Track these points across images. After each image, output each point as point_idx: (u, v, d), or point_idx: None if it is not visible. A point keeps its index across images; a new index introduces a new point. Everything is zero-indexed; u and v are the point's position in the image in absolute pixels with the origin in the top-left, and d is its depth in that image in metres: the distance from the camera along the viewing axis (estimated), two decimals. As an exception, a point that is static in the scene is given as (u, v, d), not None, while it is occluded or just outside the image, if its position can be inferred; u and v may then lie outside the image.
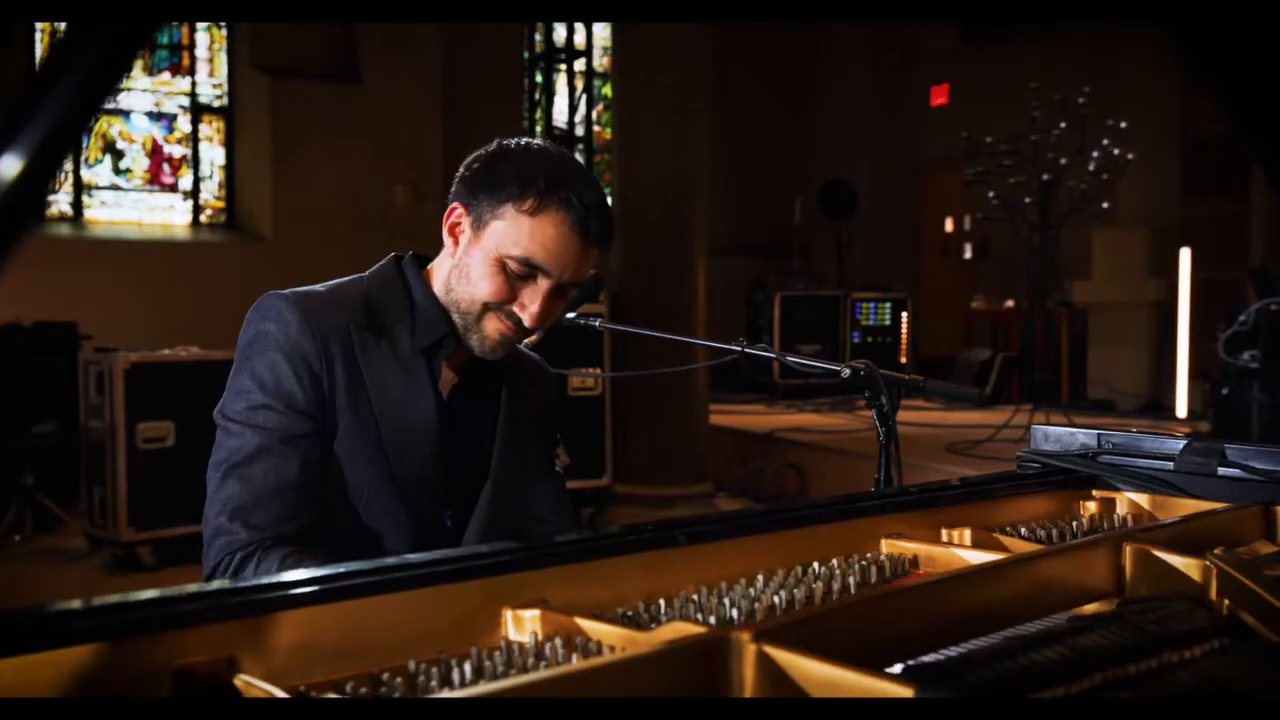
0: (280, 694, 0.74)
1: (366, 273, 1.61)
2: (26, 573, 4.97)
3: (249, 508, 1.43)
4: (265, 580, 0.88)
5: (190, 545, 5.04)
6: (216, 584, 0.87)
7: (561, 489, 1.77)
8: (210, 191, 9.71)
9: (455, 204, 1.53)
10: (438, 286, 1.56)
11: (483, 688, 0.68)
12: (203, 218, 9.65)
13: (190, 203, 9.61)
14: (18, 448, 5.36)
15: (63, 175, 8.96)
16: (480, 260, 1.49)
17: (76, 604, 0.80)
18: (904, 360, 9.37)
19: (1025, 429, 6.59)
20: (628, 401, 6.19)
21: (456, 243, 1.53)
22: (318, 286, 1.55)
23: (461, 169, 1.56)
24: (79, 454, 5.19)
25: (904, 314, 9.60)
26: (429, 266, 1.61)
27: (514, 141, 1.54)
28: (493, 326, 1.52)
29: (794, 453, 6.64)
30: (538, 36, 10.77)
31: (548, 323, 1.52)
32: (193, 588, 0.85)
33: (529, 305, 1.49)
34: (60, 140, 0.63)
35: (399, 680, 0.82)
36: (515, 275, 1.48)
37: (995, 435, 6.48)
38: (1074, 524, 1.38)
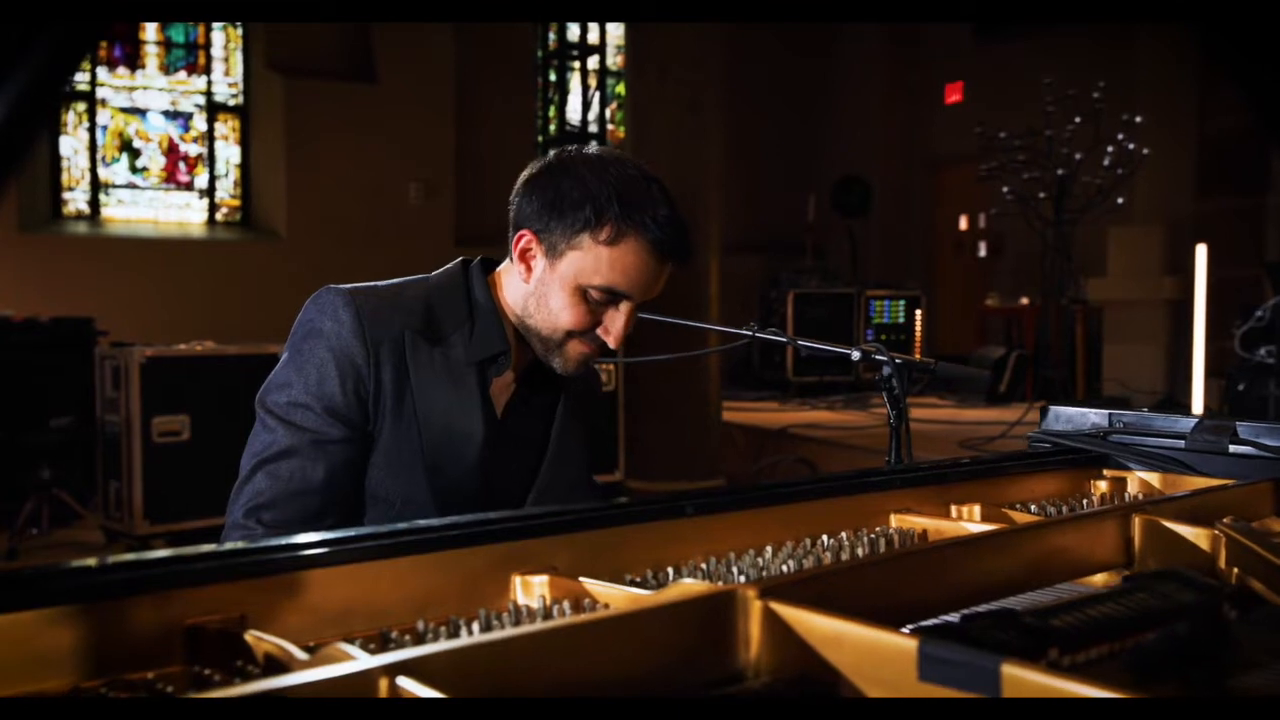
0: (291, 648, 0.75)
1: (432, 274, 1.58)
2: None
3: (267, 506, 1.42)
4: (277, 541, 0.89)
5: (205, 539, 5.07)
6: (229, 545, 0.88)
7: (596, 485, 1.75)
8: (226, 190, 9.75)
9: (524, 230, 1.48)
10: (509, 302, 1.53)
11: (491, 635, 0.68)
12: (218, 216, 9.69)
13: (206, 201, 9.65)
14: (35, 442, 5.40)
15: (67, 167, 8.93)
16: (559, 289, 1.46)
17: (92, 561, 0.82)
18: (918, 358, 9.34)
19: (1038, 426, 6.56)
20: (640, 397, 6.19)
21: (529, 269, 1.49)
22: (380, 284, 1.53)
23: (522, 185, 1.50)
24: (95, 448, 5.23)
25: (918, 311, 9.57)
26: (495, 272, 1.57)
27: (574, 152, 1.49)
28: (575, 350, 1.50)
29: (807, 449, 6.63)
30: (551, 35, 10.78)
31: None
32: (205, 548, 0.86)
33: (612, 329, 1.47)
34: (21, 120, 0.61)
35: (407, 638, 0.82)
36: (596, 302, 1.46)
37: (1008, 432, 6.46)
38: (1084, 502, 1.38)
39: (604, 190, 1.42)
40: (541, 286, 1.48)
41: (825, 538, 1.16)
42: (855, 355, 1.77)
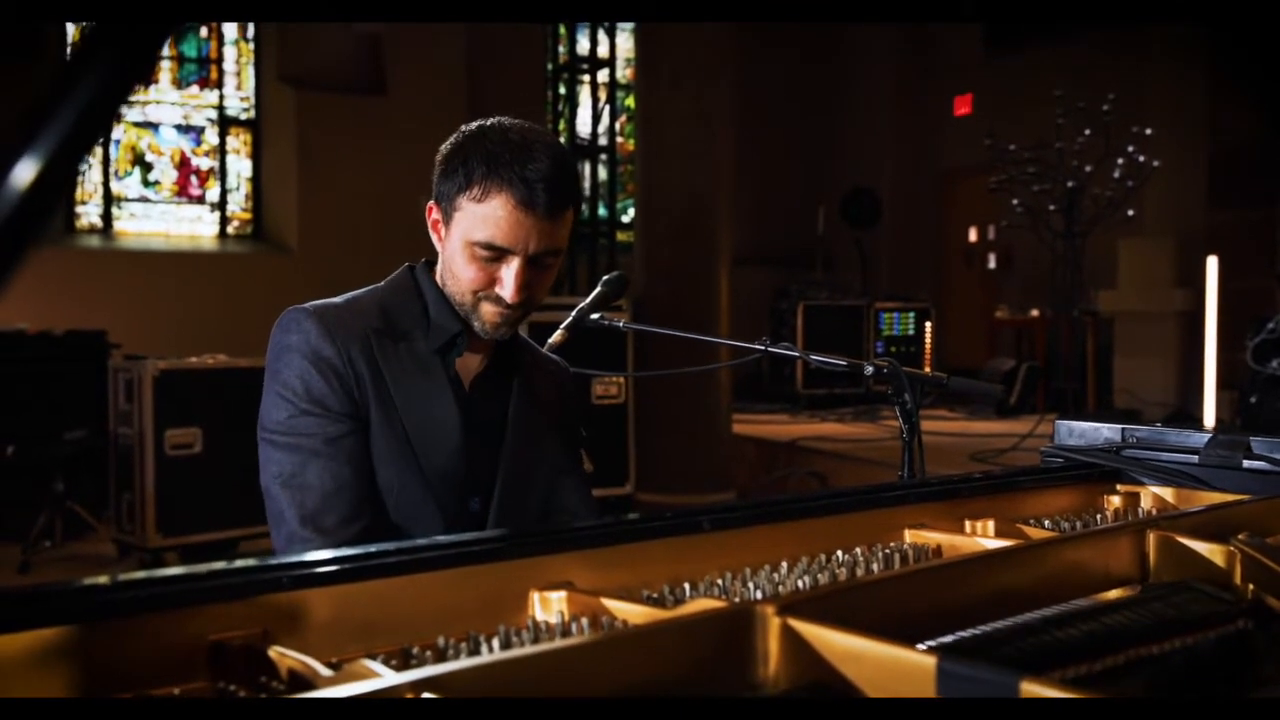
0: (315, 664, 0.76)
1: (381, 283, 1.66)
2: (57, 579, 5.02)
3: (317, 513, 1.47)
4: (297, 558, 0.90)
5: (218, 552, 5.09)
6: (250, 561, 0.89)
7: (588, 489, 1.80)
8: (237, 203, 9.80)
9: (430, 203, 1.60)
10: (438, 281, 1.62)
11: (506, 654, 0.69)
12: (229, 229, 9.74)
13: (217, 214, 9.71)
14: (49, 455, 5.42)
15: (81, 181, 9.03)
16: (456, 252, 1.55)
17: (115, 578, 0.82)
18: (928, 370, 9.32)
19: (1049, 439, 6.55)
20: (650, 410, 6.19)
21: (440, 238, 1.60)
22: (335, 299, 1.61)
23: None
24: (108, 461, 5.25)
25: (928, 324, 9.57)
26: (436, 267, 1.66)
27: (470, 127, 1.58)
28: (487, 310, 1.57)
29: (817, 461, 6.62)
30: (561, 48, 10.82)
31: (535, 296, 1.56)
32: (224, 564, 0.87)
33: (506, 283, 1.53)
34: (75, 147, 0.63)
35: (429, 654, 0.83)
36: (485, 259, 1.53)
37: (1019, 444, 6.45)
38: (1098, 517, 1.39)
39: (476, 153, 1.51)
40: (447, 253, 1.58)
41: (840, 553, 1.16)
42: (868, 370, 1.77)
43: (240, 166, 9.79)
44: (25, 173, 0.59)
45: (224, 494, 4.97)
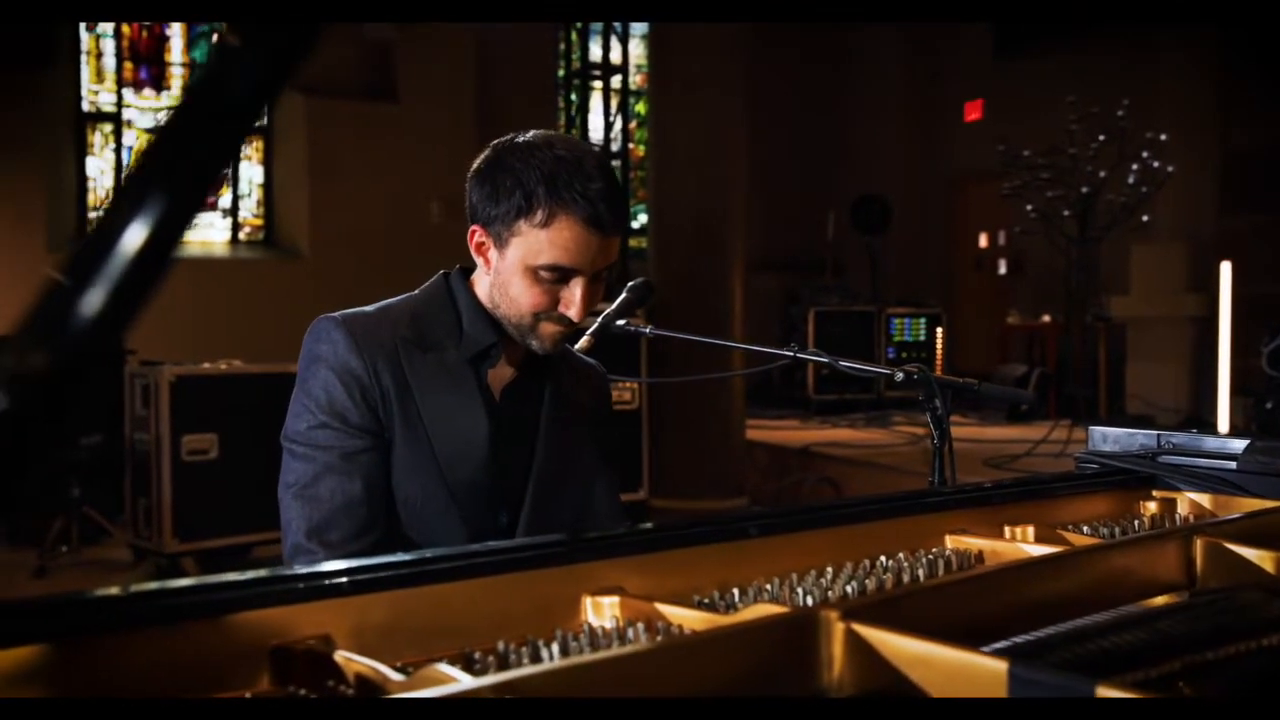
0: (385, 669, 0.76)
1: (416, 291, 1.66)
2: (73, 584, 5.03)
3: (323, 527, 1.48)
4: (354, 564, 0.90)
5: (234, 557, 5.10)
6: (307, 567, 0.89)
7: (617, 493, 1.80)
8: (249, 209, 9.83)
9: (474, 226, 1.57)
10: (482, 298, 1.61)
11: (580, 659, 0.69)
12: (241, 235, 9.77)
13: (229, 220, 9.74)
14: (65, 460, 5.43)
15: (94, 189, 9.00)
16: (513, 275, 1.53)
17: (172, 584, 0.82)
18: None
19: (1063, 444, 6.56)
20: (664, 416, 6.19)
21: (487, 261, 1.58)
22: (368, 307, 1.61)
23: (467, 181, 1.58)
24: (125, 466, 5.26)
25: (938, 329, 9.57)
26: (473, 277, 1.65)
27: (506, 142, 1.55)
28: (547, 330, 1.56)
29: (829, 467, 6.62)
30: (574, 55, 10.85)
31: (594, 306, 1.57)
32: (283, 570, 0.87)
33: (572, 303, 1.53)
34: (191, 196, 0.66)
35: (491, 659, 0.83)
36: (549, 281, 1.52)
37: (1033, 450, 6.45)
38: (1135, 523, 1.38)
39: (531, 176, 1.49)
40: (499, 276, 1.56)
41: (884, 558, 1.16)
42: (898, 376, 1.77)
43: (252, 173, 9.82)
44: (136, 236, 0.63)
45: (240, 499, 4.97)
